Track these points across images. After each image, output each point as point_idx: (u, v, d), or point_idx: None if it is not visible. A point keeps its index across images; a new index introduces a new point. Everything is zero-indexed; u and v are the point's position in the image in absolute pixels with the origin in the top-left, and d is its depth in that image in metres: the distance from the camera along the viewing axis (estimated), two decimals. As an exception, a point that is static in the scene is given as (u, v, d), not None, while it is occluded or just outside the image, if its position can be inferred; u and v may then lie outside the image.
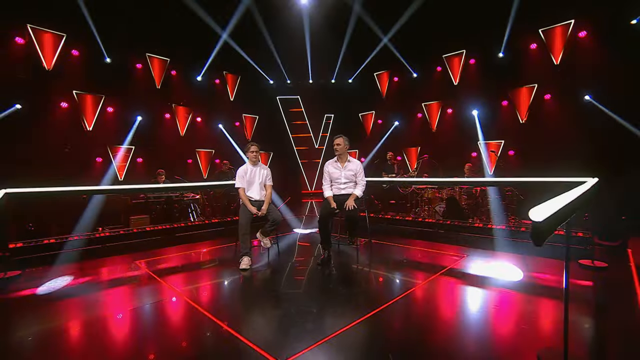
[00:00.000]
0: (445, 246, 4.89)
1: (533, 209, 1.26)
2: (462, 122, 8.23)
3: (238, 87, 10.03)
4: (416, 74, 9.21)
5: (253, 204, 4.10)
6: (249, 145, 4.22)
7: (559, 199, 1.50)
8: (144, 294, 3.26)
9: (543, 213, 1.24)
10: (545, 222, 1.21)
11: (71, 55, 6.88)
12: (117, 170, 7.62)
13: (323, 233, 4.00)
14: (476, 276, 3.56)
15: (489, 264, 3.98)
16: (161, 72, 8.34)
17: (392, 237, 5.51)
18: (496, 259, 4.18)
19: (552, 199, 1.46)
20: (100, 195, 5.84)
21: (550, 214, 1.25)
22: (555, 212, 1.29)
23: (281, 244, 5.11)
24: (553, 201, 1.43)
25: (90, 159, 7.27)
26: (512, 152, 7.50)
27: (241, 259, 3.92)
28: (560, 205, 1.39)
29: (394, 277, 3.62)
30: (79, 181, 6.34)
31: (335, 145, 4.10)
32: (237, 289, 3.42)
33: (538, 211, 1.25)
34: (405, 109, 9.42)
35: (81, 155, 6.98)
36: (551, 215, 1.25)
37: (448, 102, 8.63)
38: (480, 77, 7.99)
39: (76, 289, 3.43)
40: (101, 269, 4.15)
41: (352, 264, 4.10)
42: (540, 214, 1.23)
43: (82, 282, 3.66)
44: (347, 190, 4.10)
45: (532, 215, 1.23)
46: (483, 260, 4.14)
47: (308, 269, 3.89)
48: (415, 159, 9.02)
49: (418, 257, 4.45)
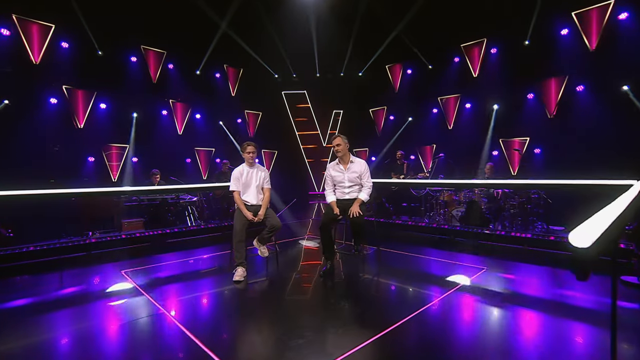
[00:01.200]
0: (462, 256, 4.66)
1: (574, 231, 1.00)
2: (482, 118, 7.95)
3: (240, 82, 9.91)
4: (431, 66, 8.98)
5: (249, 208, 3.98)
6: (245, 144, 4.08)
7: (606, 211, 1.22)
8: (122, 310, 3.10)
9: (588, 236, 0.97)
10: (593, 249, 0.94)
11: (60, 48, 6.80)
12: (110, 170, 7.56)
13: (325, 242, 3.87)
14: (498, 293, 3.30)
15: (513, 278, 3.75)
16: (157, 65, 8.26)
17: (402, 245, 5.33)
18: (521, 273, 3.92)
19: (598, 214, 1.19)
20: (91, 196, 5.73)
21: (599, 236, 0.98)
22: (604, 232, 1.02)
23: (281, 253, 4.92)
24: (600, 216, 1.16)
25: (82, 158, 7.21)
26: (538, 150, 7.18)
27: (235, 270, 3.79)
28: (609, 221, 1.12)
29: (404, 293, 3.44)
30: (69, 182, 6.34)
31: (335, 146, 3.95)
32: (227, 305, 3.26)
33: (581, 233, 0.98)
34: (419, 104, 9.19)
35: (72, 154, 6.91)
36: (600, 237, 0.99)
37: (467, 96, 8.35)
38: (503, 67, 7.68)
39: (46, 305, 3.28)
40: (81, 280, 4.03)
41: (358, 275, 3.95)
42: (585, 238, 0.96)
43: (55, 296, 3.53)
44: (352, 194, 3.95)
45: (574, 239, 0.97)
46: (506, 273, 3.90)
47: (309, 282, 3.73)
48: (430, 158, 8.78)
49: (431, 268, 4.26)
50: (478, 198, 5.96)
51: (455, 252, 4.85)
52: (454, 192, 6.26)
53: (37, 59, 6.42)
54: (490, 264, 4.20)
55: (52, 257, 4.58)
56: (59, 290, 3.68)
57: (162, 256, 5.02)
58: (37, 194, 3.93)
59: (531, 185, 4.98)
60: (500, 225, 5.71)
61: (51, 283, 3.92)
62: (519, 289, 3.41)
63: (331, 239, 3.89)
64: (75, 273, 4.26)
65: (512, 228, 5.39)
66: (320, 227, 3.85)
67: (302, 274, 3.98)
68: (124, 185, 7.24)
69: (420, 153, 9.19)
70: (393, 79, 9.80)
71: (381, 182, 6.71)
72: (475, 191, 6.01)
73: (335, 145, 3.91)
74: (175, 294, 3.50)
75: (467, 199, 6.09)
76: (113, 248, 5.09)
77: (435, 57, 8.88)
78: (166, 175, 7.03)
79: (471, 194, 6.07)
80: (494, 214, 5.87)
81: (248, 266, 3.92)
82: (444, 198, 6.32)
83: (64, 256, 4.64)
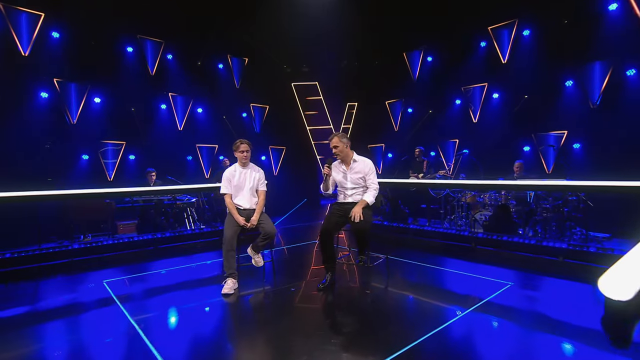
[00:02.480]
0: (485, 268, 4.42)
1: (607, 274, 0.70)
2: (511, 109, 7.58)
3: (245, 73, 9.78)
4: (454, 52, 8.63)
5: (242, 213, 3.92)
6: (237, 142, 4.01)
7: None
8: (89, 327, 2.96)
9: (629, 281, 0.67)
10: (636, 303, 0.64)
11: (51, 38, 6.77)
12: (105, 169, 7.56)
13: (325, 251, 3.71)
14: (525, 315, 3.02)
15: (544, 297, 3.50)
16: (155, 56, 8.19)
17: (416, 253, 5.15)
18: (554, 291, 3.67)
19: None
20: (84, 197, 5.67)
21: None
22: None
23: (279, 262, 4.73)
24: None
25: (75, 156, 7.20)
26: (577, 146, 6.76)
27: (224, 281, 3.69)
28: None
29: (411, 313, 3.25)
30: (63, 182, 6.38)
31: (332, 149, 3.75)
32: (211, 323, 3.10)
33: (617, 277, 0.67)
34: (440, 95, 8.89)
35: (64, 152, 6.92)
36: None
37: (494, 85, 8.00)
38: (537, 52, 7.25)
39: (9, 321, 3.17)
40: (55, 291, 3.97)
41: (361, 291, 3.80)
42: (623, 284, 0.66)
43: (18, 311, 3.41)
44: (356, 197, 3.78)
45: (607, 285, 0.67)
46: (536, 290, 3.66)
47: (306, 298, 3.56)
48: (453, 155, 8.48)
49: (447, 282, 4.04)
50: (505, 200, 5.66)
51: (476, 263, 4.63)
52: (477, 194, 5.99)
53: (26, 51, 6.40)
54: (517, 279, 3.95)
55: (30, 265, 4.53)
56: (25, 305, 3.57)
57: (150, 263, 4.96)
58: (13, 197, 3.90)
59: (567, 187, 4.65)
60: (532, 231, 5.38)
61: (20, 295, 3.82)
62: (551, 311, 3.07)
63: (332, 248, 3.73)
64: (51, 283, 4.20)
65: (545, 235, 5.04)
66: (320, 233, 3.69)
67: (299, 288, 3.81)
68: (120, 185, 7.21)
69: (441, 149, 8.90)
70: (411, 67, 9.51)
71: (395, 182, 6.56)
72: (502, 192, 5.71)
73: (333, 147, 3.73)
74: (155, 308, 3.38)
75: (493, 202, 5.79)
76: (98, 254, 5.04)
77: (459, 41, 8.53)
78: (163, 175, 6.95)
79: (497, 195, 5.78)
80: (523, 218, 5.54)
81: (240, 277, 3.81)
82: (466, 200, 6.05)
83: (43, 264, 4.59)
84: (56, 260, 4.71)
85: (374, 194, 3.71)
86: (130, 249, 5.36)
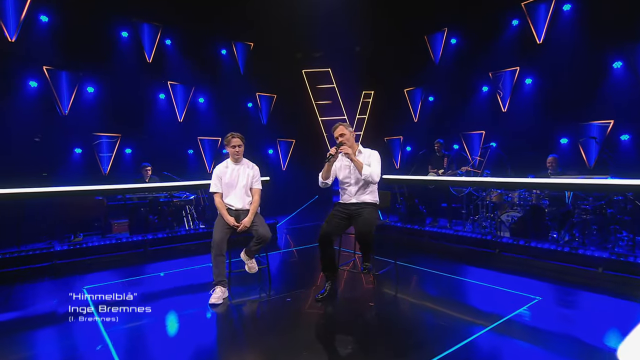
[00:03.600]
0: (510, 278, 4.27)
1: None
2: (547, 96, 7.22)
3: (250, 59, 9.67)
4: (482, 33, 8.26)
5: (233, 214, 3.87)
6: (228, 136, 3.96)
7: None
8: (57, 340, 2.93)
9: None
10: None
11: (39, 22, 6.74)
12: (99, 163, 7.57)
13: (324, 257, 3.64)
14: (555, 336, 2.85)
15: (578, 315, 3.35)
16: (152, 41, 8.13)
17: (430, 259, 5.06)
18: (591, 308, 3.50)
19: None
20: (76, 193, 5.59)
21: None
22: None
23: (277, 267, 4.73)
24: None
25: (67, 150, 7.22)
26: (626, 137, 6.41)
27: (213, 290, 3.62)
28: None
29: (421, 329, 3.13)
30: (54, 177, 6.35)
31: (338, 138, 3.67)
32: (194, 337, 3.01)
33: None
34: (465, 81, 8.59)
35: (55, 145, 6.93)
36: None
37: (528, 69, 7.62)
38: (578, 29, 6.84)
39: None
40: (29, 298, 3.93)
41: (364, 302, 3.74)
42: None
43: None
44: (362, 196, 3.68)
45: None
46: (569, 307, 3.50)
47: (302, 310, 3.51)
48: (479, 149, 8.17)
49: (464, 294, 3.91)
50: (536, 200, 5.36)
51: (500, 272, 4.49)
52: (505, 192, 5.74)
53: (12, 36, 6.39)
54: (546, 292, 3.79)
55: (7, 269, 4.48)
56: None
57: (138, 267, 4.95)
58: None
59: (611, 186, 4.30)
60: (568, 235, 5.01)
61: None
62: (585, 333, 2.86)
63: (332, 254, 3.65)
64: (27, 289, 4.17)
65: (584, 241, 4.68)
66: (320, 238, 3.57)
67: (295, 298, 3.74)
68: (115, 180, 7.19)
69: (465, 142, 8.62)
70: (433, 51, 9.22)
71: (407, 180, 6.48)
72: (534, 191, 5.41)
73: (339, 136, 3.66)
74: (133, 319, 3.30)
75: (523, 201, 5.52)
76: (81, 257, 4.99)
77: (486, 20, 8.18)
78: (162, 170, 6.88)
79: (527, 193, 5.50)
80: (558, 220, 5.22)
81: (232, 284, 3.81)
82: (491, 199, 5.80)
83: (22, 267, 4.56)
84: (37, 264, 4.67)
85: (369, 170, 3.57)
86: (118, 252, 5.31)
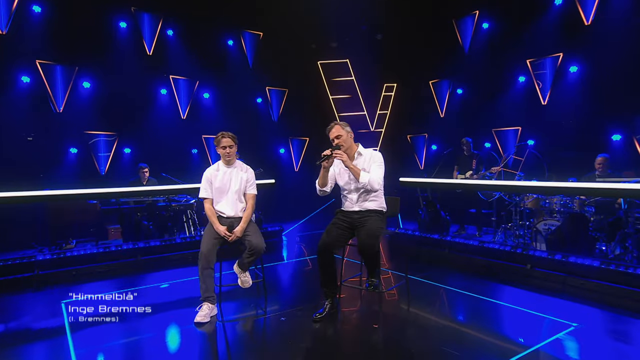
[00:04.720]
0: (543, 300, 4.03)
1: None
2: (595, 86, 6.80)
3: (260, 50, 9.62)
4: (518, 15, 7.93)
5: (224, 222, 3.77)
6: (218, 136, 3.87)
7: None
8: None
9: None
10: None
11: (32, 13, 6.77)
12: (96, 163, 7.60)
13: (323, 270, 3.55)
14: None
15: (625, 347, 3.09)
16: (153, 32, 8.14)
17: (448, 274, 4.90)
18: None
19: None
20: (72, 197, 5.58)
21: None
22: None
23: (272, 282, 4.60)
24: None
25: (62, 149, 7.26)
26: None
27: (199, 307, 3.53)
28: None
29: (435, 358, 2.91)
30: (47, 179, 6.48)
31: (334, 140, 3.54)
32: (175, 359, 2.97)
33: None
34: (499, 71, 8.29)
35: (49, 144, 6.98)
36: None
37: (572, 55, 7.20)
38: (633, 6, 6.40)
39: None
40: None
41: (367, 323, 3.65)
42: None
43: None
44: (364, 203, 3.58)
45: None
46: (613, 337, 3.26)
47: (299, 330, 3.45)
48: (513, 147, 7.68)
49: (486, 319, 3.68)
50: (580, 206, 5.03)
51: (532, 292, 4.25)
52: (542, 197, 5.47)
53: (3, 29, 6.42)
54: (586, 318, 3.55)
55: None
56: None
57: (127, 279, 4.88)
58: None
59: None
60: (619, 248, 4.60)
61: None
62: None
63: (332, 268, 3.55)
64: (4, 301, 4.15)
65: (637, 256, 4.25)
66: (318, 250, 3.48)
67: (291, 317, 3.66)
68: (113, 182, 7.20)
69: (499, 140, 8.28)
70: (462, 37, 8.92)
71: (424, 183, 6.45)
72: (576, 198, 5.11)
73: (334, 138, 3.53)
74: (114, 337, 3.29)
75: (563, 208, 5.20)
76: (67, 267, 4.93)
77: (523, 3, 7.84)
78: (162, 171, 6.84)
79: (569, 199, 5.20)
80: (607, 231, 4.84)
81: (223, 300, 3.82)
82: (526, 205, 5.52)
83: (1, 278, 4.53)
84: (16, 274, 4.63)
85: (367, 177, 3.41)
86: (108, 261, 5.23)
